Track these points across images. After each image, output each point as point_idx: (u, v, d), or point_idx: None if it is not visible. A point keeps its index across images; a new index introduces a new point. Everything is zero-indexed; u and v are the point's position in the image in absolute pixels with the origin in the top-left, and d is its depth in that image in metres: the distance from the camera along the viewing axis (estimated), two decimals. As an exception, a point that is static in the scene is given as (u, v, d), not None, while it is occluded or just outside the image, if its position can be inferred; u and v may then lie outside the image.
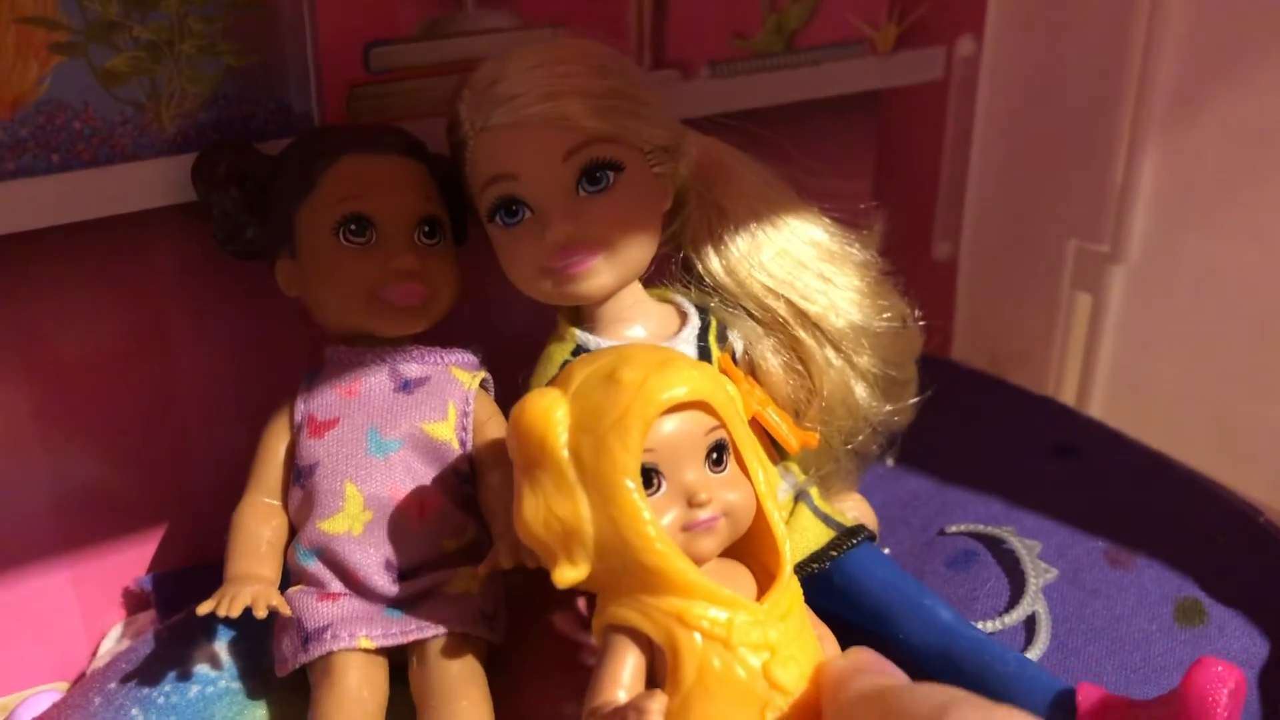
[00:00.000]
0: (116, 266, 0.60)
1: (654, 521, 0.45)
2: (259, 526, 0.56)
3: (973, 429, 0.75)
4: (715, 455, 0.47)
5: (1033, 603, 0.59)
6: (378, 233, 0.56)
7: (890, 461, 0.71)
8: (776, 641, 0.44)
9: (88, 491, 0.63)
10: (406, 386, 0.57)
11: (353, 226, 0.56)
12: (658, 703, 0.43)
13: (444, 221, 0.58)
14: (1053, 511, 0.66)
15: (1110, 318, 0.85)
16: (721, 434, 0.47)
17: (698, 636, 0.44)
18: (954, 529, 0.66)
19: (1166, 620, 0.58)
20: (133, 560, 0.65)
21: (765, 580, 0.48)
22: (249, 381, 0.65)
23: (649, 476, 0.46)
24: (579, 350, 0.57)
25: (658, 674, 0.45)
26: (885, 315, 0.62)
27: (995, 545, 0.64)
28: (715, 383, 0.48)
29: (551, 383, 0.49)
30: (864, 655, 0.46)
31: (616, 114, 0.55)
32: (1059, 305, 0.88)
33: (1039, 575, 0.61)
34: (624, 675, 0.45)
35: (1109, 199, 0.83)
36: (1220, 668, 0.46)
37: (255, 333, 0.65)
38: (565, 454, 0.46)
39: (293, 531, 0.57)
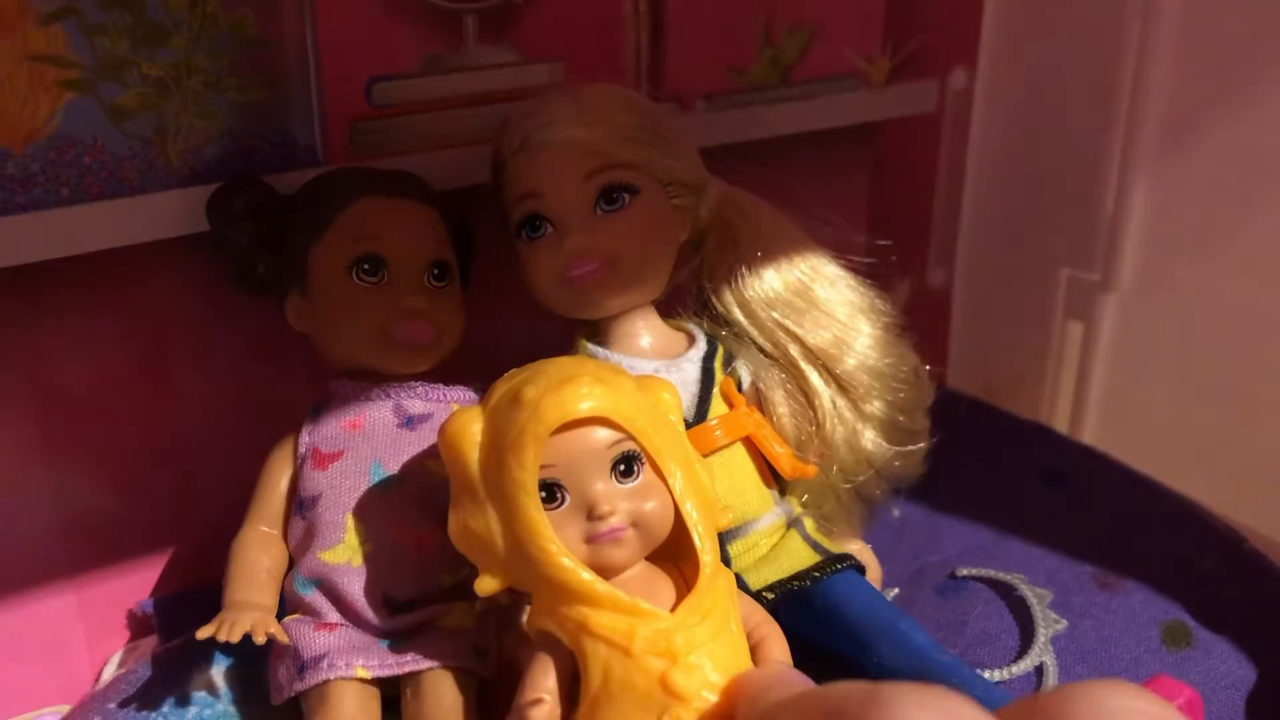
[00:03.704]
0: (124, 297, 0.62)
1: (553, 537, 0.47)
2: (258, 555, 0.57)
3: (962, 455, 0.76)
4: (623, 466, 0.49)
5: (1041, 654, 0.59)
6: (389, 273, 0.58)
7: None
8: (680, 649, 0.45)
9: (94, 516, 0.64)
10: (410, 422, 0.58)
11: (366, 266, 0.57)
12: (538, 710, 0.46)
13: (453, 266, 0.60)
14: (1042, 537, 0.68)
15: (1102, 345, 0.86)
16: (628, 445, 0.48)
17: (601, 644, 0.46)
18: (964, 573, 0.66)
19: (1154, 643, 0.59)
20: (138, 584, 0.66)
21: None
22: (251, 409, 0.66)
23: (552, 491, 0.48)
24: None
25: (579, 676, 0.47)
26: (894, 361, 0.64)
27: (1003, 589, 0.64)
28: (621, 396, 0.49)
29: (483, 398, 0.51)
30: (783, 669, 0.47)
31: (638, 144, 0.59)
32: (1052, 333, 0.89)
33: (1048, 626, 0.60)
34: (545, 679, 0.47)
35: (1100, 228, 0.85)
36: (1172, 685, 0.47)
37: (258, 362, 0.66)
38: (476, 471, 0.49)
39: (290, 562, 0.58)
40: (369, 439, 0.58)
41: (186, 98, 0.59)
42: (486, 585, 0.49)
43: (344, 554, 0.56)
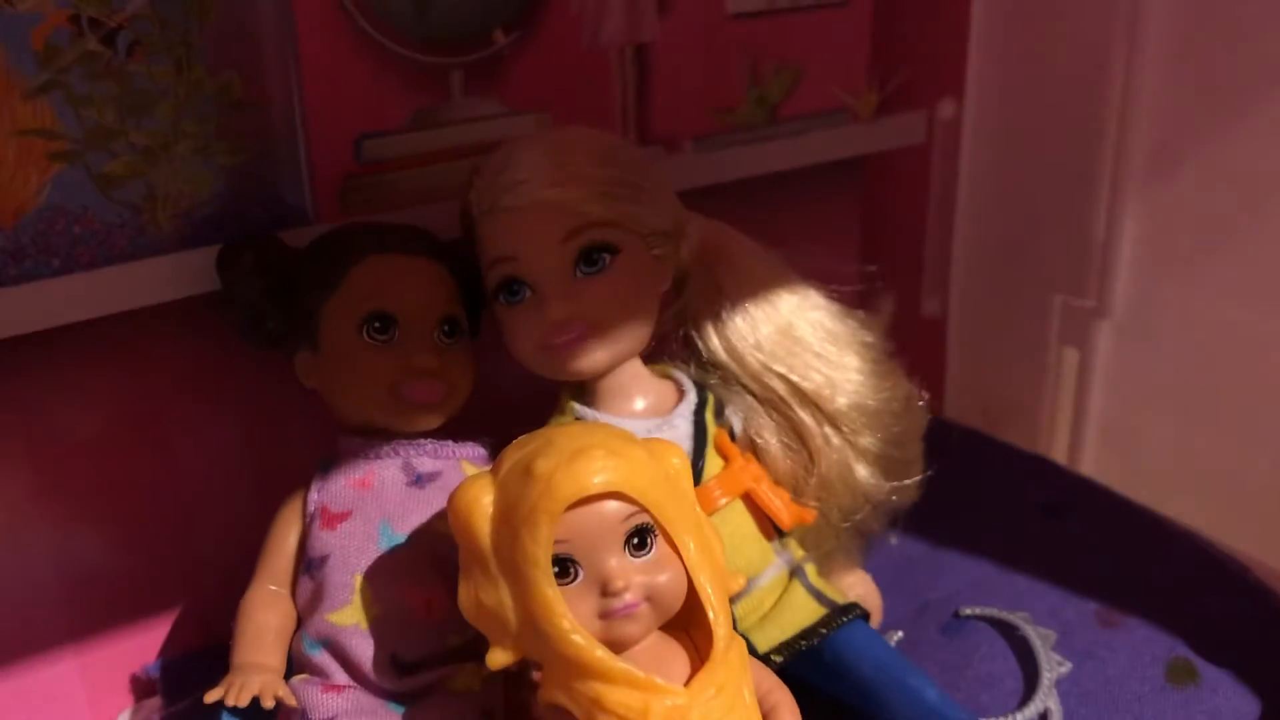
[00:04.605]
0: (121, 361, 0.62)
1: (566, 614, 0.46)
2: (266, 616, 0.57)
3: (963, 488, 0.76)
4: (637, 540, 0.48)
5: (1045, 699, 0.58)
6: (400, 331, 0.58)
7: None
8: None
9: (95, 579, 0.64)
10: (419, 481, 0.58)
11: (377, 324, 0.57)
12: None
13: (463, 321, 0.60)
14: (1044, 572, 0.67)
15: (1098, 372, 0.86)
16: (642, 518, 0.48)
17: None
18: (968, 612, 0.65)
19: (1158, 681, 0.59)
20: (140, 647, 0.66)
21: (709, 653, 0.48)
22: (257, 467, 0.66)
23: (565, 566, 0.47)
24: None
25: None
26: (886, 395, 0.63)
27: (1006, 629, 0.64)
28: (635, 467, 0.48)
29: (493, 466, 0.51)
30: None
31: (615, 200, 0.57)
32: (1047, 360, 0.89)
33: (1052, 669, 0.60)
34: None
35: (1092, 254, 0.84)
36: None
37: (262, 419, 0.66)
38: (488, 544, 0.48)
39: (298, 622, 0.58)
40: (378, 498, 0.58)
41: (175, 163, 0.59)
42: (498, 659, 0.49)
43: (352, 616, 0.56)
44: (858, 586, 0.65)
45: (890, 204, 0.89)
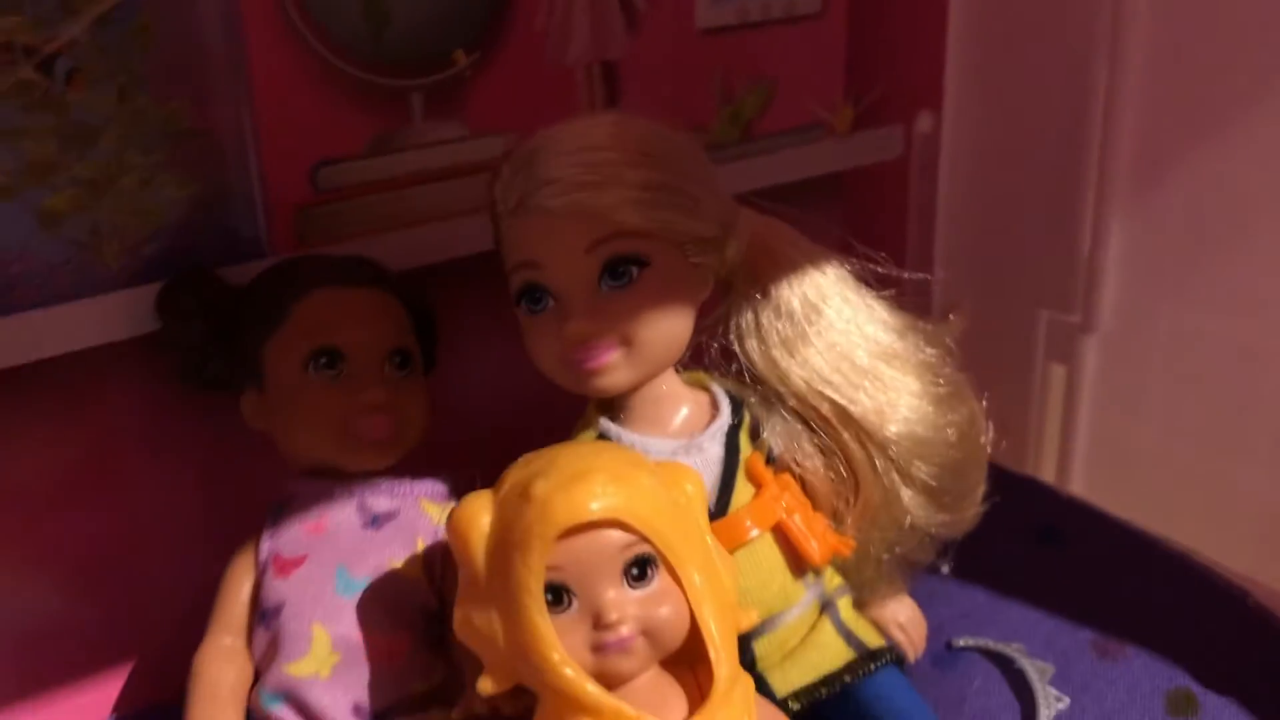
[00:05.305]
0: (68, 406, 0.59)
1: (556, 645, 0.44)
2: (221, 671, 0.55)
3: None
4: (636, 570, 0.45)
5: None
6: (348, 365, 0.55)
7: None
8: None
9: (45, 632, 0.61)
10: (375, 522, 0.56)
11: (323, 360, 0.55)
12: None
13: (414, 352, 0.58)
14: (1038, 600, 0.65)
15: (1086, 388, 0.84)
16: (642, 549, 0.45)
17: None
18: (961, 643, 0.63)
19: (1158, 713, 0.57)
20: (95, 702, 0.63)
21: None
22: (212, 510, 0.64)
23: (559, 593, 0.45)
24: (600, 438, 0.55)
25: None
26: (944, 421, 0.58)
27: (1001, 661, 0.62)
28: (637, 494, 0.46)
29: (496, 483, 0.48)
30: None
31: (649, 206, 0.51)
32: (1034, 377, 0.87)
33: (1049, 705, 0.58)
34: None
35: (1078, 268, 0.83)
36: None
37: (218, 463, 0.64)
38: (483, 565, 0.46)
39: (255, 675, 0.55)
40: (332, 542, 0.56)
41: (120, 197, 0.56)
42: (487, 686, 0.46)
43: (311, 666, 0.53)
44: (901, 613, 0.60)
45: (869, 220, 0.87)
